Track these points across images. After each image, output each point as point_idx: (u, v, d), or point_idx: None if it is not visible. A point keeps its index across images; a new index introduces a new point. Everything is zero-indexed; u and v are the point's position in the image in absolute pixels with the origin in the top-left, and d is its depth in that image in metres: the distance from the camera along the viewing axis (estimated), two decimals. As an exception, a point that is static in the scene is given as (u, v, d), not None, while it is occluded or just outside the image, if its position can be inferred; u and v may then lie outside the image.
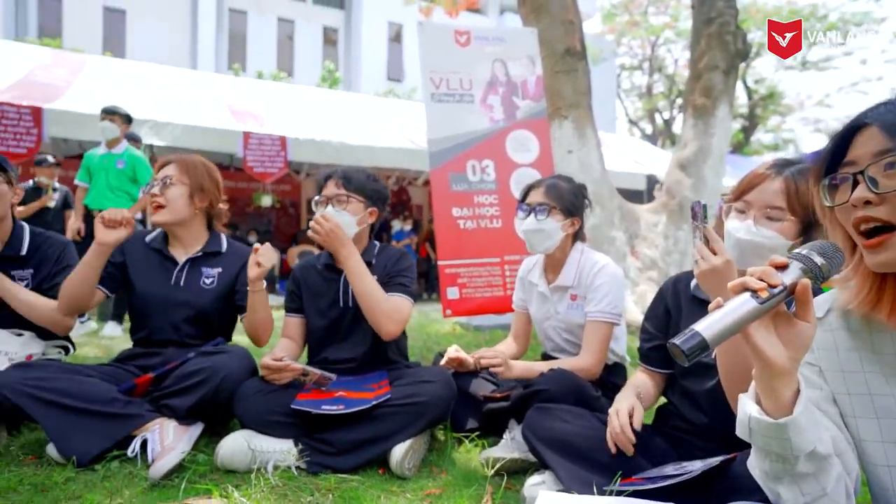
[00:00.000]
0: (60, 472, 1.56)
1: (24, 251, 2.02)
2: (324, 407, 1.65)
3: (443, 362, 2.01)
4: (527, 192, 2.08)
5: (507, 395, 1.85)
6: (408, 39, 22.21)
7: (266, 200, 8.60)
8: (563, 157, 4.14)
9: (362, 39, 22.04)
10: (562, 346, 2.11)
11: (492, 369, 1.94)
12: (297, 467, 1.65)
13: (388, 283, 1.95)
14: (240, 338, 2.17)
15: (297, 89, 11.45)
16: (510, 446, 1.72)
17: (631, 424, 1.41)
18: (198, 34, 20.60)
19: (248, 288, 1.87)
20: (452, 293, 3.26)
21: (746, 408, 0.78)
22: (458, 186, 3.30)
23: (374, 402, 1.67)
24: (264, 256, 1.81)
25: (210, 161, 2.11)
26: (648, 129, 21.94)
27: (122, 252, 1.99)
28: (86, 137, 6.67)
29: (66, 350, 2.15)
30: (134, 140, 4.69)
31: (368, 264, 1.92)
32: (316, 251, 2.42)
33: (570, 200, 2.00)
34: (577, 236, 2.07)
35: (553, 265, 2.08)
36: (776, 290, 0.72)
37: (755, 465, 0.82)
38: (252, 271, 1.81)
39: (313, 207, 1.99)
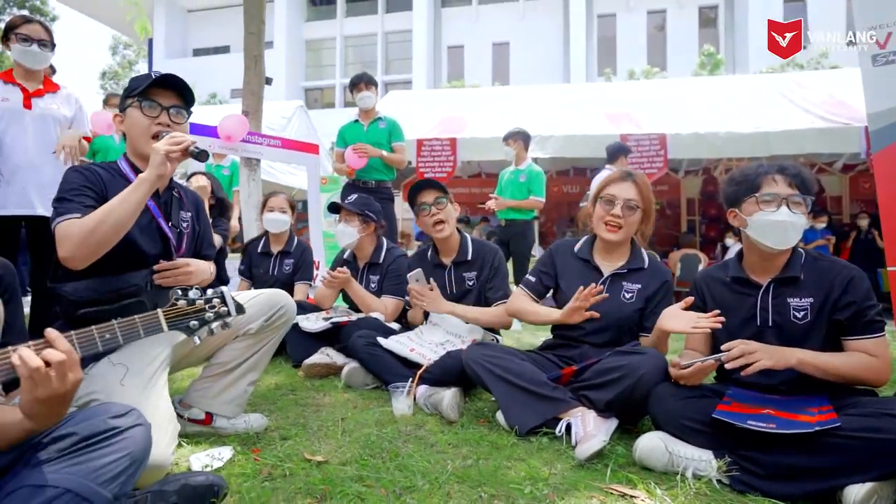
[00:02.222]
0: (507, 436, 1.89)
1: (469, 257, 2.67)
2: (750, 422, 1.51)
3: None
4: None
5: None
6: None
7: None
8: None
9: (749, 11, 19.54)
10: None
11: None
12: (719, 480, 1.56)
13: None
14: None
15: (673, 83, 10.99)
16: None
17: None
18: (569, 48, 22.11)
19: None
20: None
21: None
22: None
23: (816, 428, 1.43)
24: None
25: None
26: None
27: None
28: (484, 158, 8.00)
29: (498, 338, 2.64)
30: None
31: None
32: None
33: None
34: None
35: None
36: None
37: None
38: None
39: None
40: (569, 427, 1.83)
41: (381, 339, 2.46)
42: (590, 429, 1.76)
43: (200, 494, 1.31)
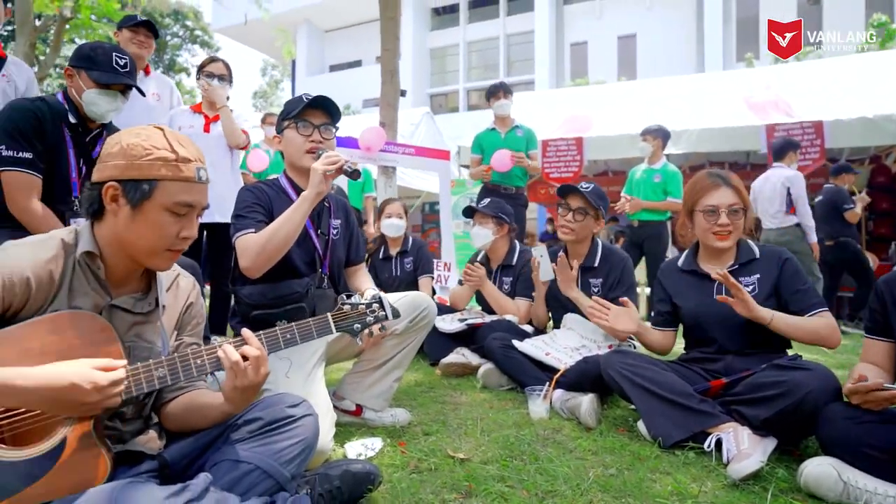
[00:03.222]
0: (649, 447, 1.83)
1: (596, 263, 2.67)
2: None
3: None
4: None
5: None
6: None
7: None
8: None
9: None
10: None
11: None
12: (907, 520, 1.38)
13: None
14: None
15: (831, 63, 9.73)
16: None
17: None
18: (703, 35, 20.54)
19: None
20: None
21: None
22: None
23: None
24: None
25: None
26: None
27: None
28: (610, 156, 7.70)
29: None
30: None
31: None
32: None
33: None
34: None
35: None
36: None
37: None
38: None
39: None
40: (719, 443, 1.72)
41: (516, 342, 2.50)
42: (744, 447, 1.64)
43: (359, 480, 1.44)
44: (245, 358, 1.18)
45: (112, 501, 0.91)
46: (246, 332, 1.22)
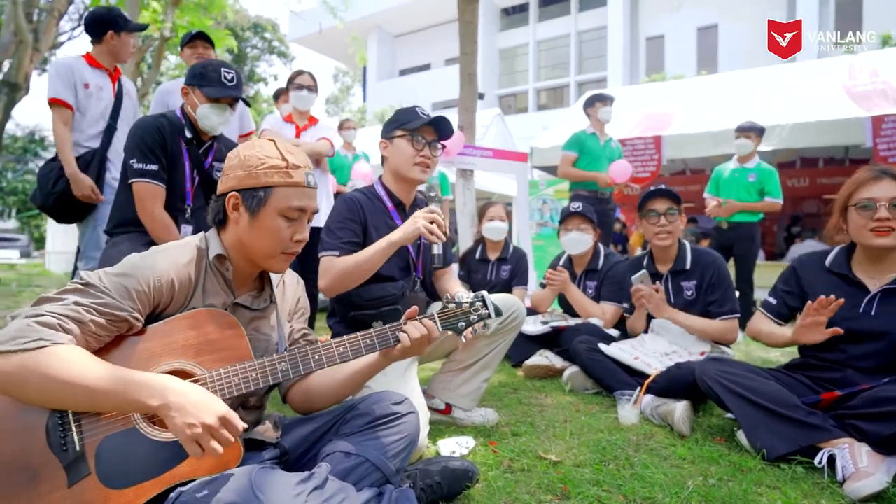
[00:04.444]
0: (751, 459, 1.75)
1: (687, 266, 2.58)
2: None
3: None
4: None
5: None
6: None
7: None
8: None
9: None
10: None
11: None
12: None
13: None
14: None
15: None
16: None
17: None
18: (796, 17, 19.21)
19: None
20: None
21: None
22: None
23: None
24: None
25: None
26: None
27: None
28: (690, 155, 7.38)
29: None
30: None
31: None
32: None
33: None
34: None
35: None
36: None
37: None
38: None
39: None
40: (832, 459, 1.62)
41: (602, 346, 2.46)
42: (863, 465, 1.54)
43: (458, 477, 1.48)
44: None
45: (250, 483, 0.99)
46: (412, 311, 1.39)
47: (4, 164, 21.58)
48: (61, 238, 14.82)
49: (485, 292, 1.46)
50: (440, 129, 2.03)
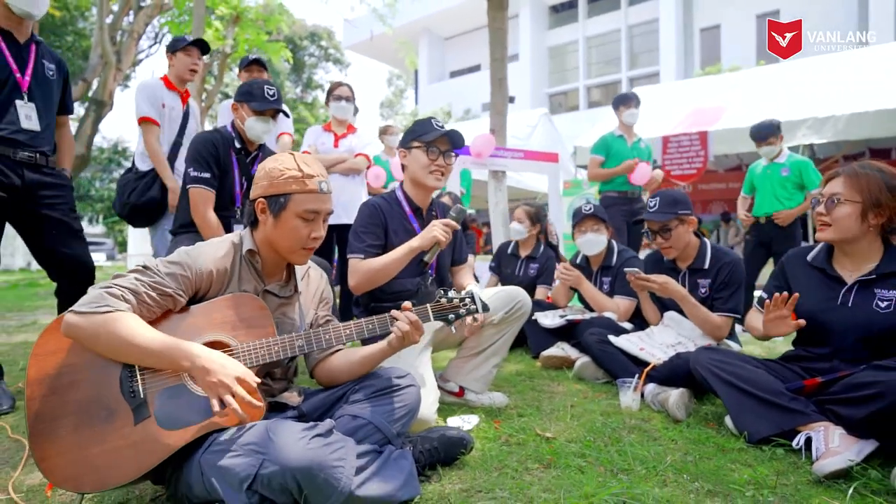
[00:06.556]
0: (735, 441, 1.88)
1: (706, 265, 2.67)
2: None
3: None
4: None
5: None
6: None
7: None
8: None
9: None
10: None
11: None
12: None
13: None
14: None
15: None
16: None
17: None
18: (868, 2, 18.05)
19: None
20: None
21: None
22: None
23: None
24: None
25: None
26: None
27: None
28: (743, 150, 7.20)
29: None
30: None
31: None
32: None
33: None
34: None
35: None
36: None
37: None
38: None
39: None
40: (809, 441, 1.73)
41: (611, 337, 2.62)
42: (834, 445, 1.64)
43: (454, 444, 1.70)
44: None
45: (266, 429, 1.26)
46: (406, 305, 1.63)
47: (93, 174, 23.47)
48: (140, 242, 16.15)
49: (474, 290, 1.69)
50: (453, 140, 2.26)
